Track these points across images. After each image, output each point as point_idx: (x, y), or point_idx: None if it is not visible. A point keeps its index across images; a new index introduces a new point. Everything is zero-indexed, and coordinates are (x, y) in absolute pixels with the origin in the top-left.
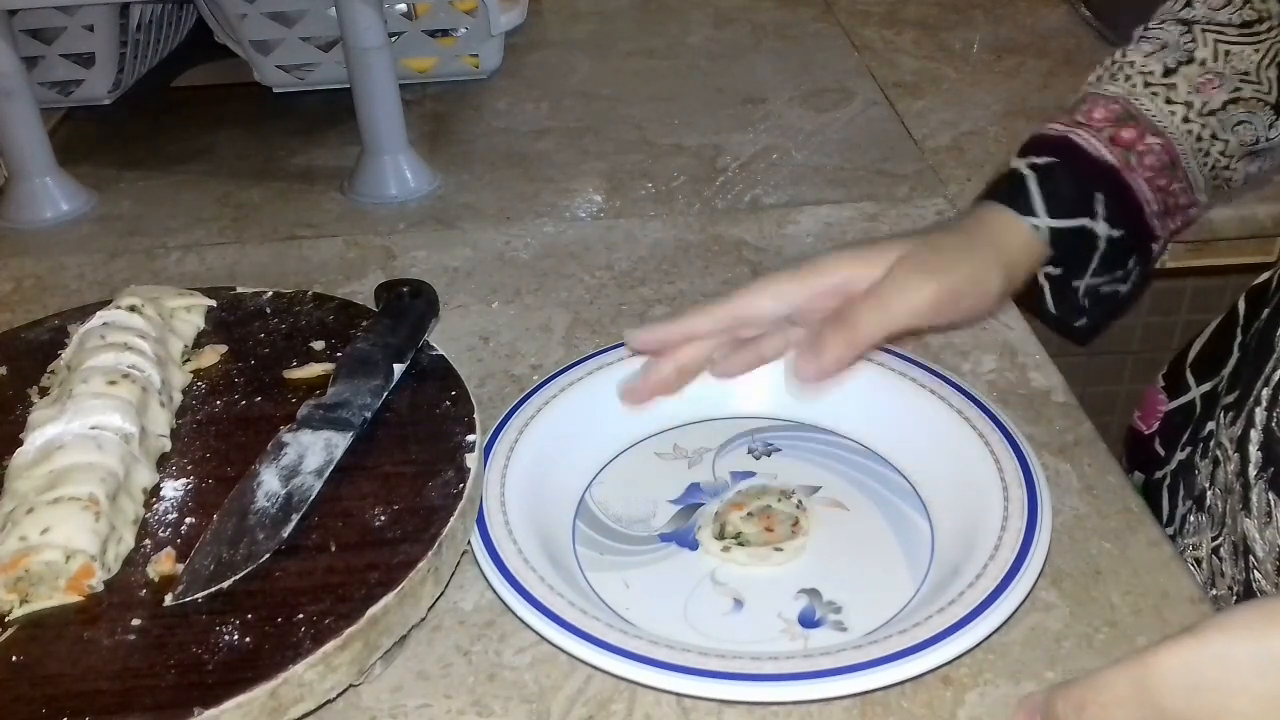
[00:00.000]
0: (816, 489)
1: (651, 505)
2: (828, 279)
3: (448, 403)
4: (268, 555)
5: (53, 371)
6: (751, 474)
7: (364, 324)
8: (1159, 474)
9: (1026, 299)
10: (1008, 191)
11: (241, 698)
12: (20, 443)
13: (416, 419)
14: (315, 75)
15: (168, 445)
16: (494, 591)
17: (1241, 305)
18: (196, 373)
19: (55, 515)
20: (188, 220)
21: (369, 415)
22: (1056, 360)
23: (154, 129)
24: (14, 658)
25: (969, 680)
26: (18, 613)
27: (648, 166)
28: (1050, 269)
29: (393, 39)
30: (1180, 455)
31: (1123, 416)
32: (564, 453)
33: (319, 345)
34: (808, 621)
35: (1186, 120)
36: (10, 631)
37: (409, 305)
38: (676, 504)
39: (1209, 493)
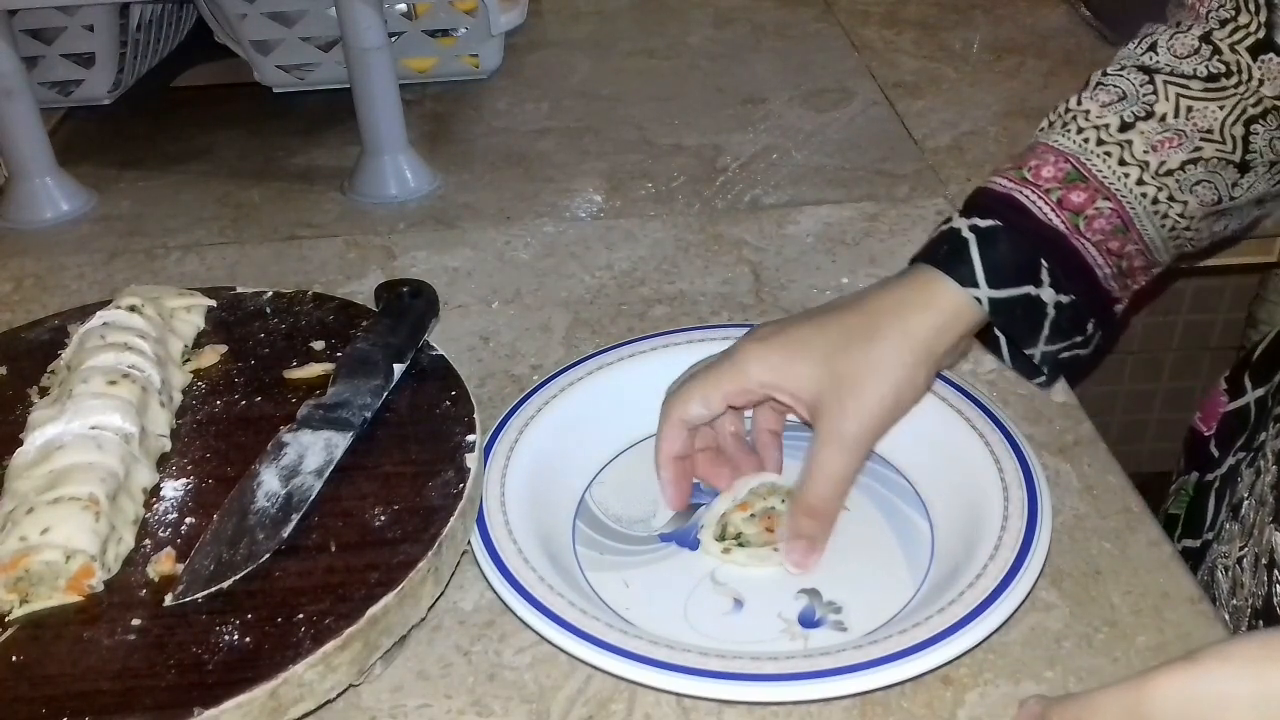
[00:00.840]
0: None
1: (651, 505)
2: (743, 383)
3: (448, 403)
4: (268, 555)
5: (53, 371)
6: None
7: (364, 324)
8: (1210, 476)
9: (990, 348)
10: (948, 257)
11: (241, 698)
12: (20, 443)
13: (416, 419)
14: (315, 75)
15: (168, 445)
16: (494, 591)
17: None
18: (196, 373)
19: (55, 515)
20: (188, 220)
21: (369, 415)
22: None
23: (154, 129)
24: (14, 658)
25: (969, 680)
26: (18, 613)
27: (648, 166)
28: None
29: (393, 39)
30: (1231, 460)
31: (1123, 416)
32: (564, 453)
33: (319, 345)
34: (808, 621)
35: (1141, 182)
36: (10, 631)
37: (409, 305)
38: None
39: (1245, 502)
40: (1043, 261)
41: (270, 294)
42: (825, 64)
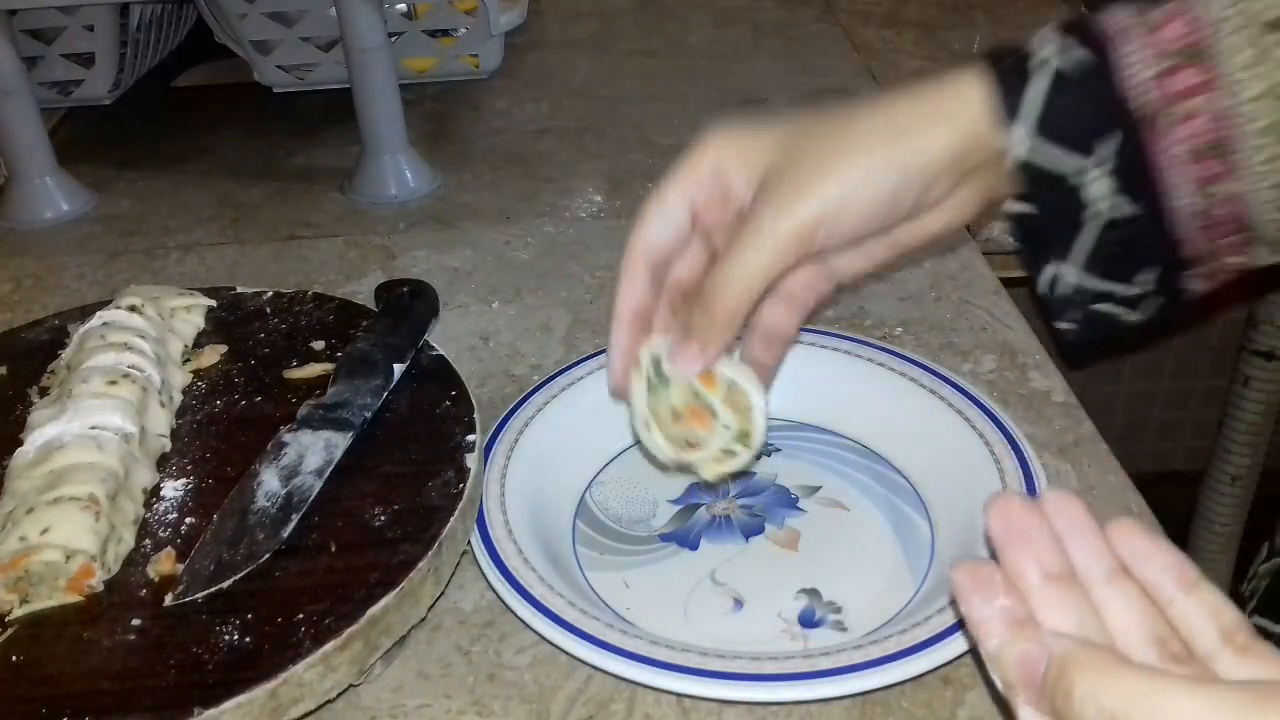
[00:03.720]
0: (816, 489)
1: (651, 505)
2: (699, 171)
3: (448, 403)
4: (268, 555)
5: (53, 371)
6: (752, 474)
7: (364, 324)
8: None
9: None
10: (1007, 74)
11: (241, 698)
12: (20, 443)
13: (416, 419)
14: (315, 75)
15: (168, 445)
16: (494, 591)
17: None
18: (196, 373)
19: (55, 515)
20: (188, 220)
21: (369, 415)
22: (1056, 360)
23: (154, 129)
24: (14, 658)
25: (969, 680)
26: (18, 613)
27: (648, 166)
28: (1031, 232)
29: (393, 39)
30: None
31: (1123, 416)
32: (564, 453)
33: (319, 345)
34: (808, 621)
35: (1265, 97)
36: (10, 631)
37: (409, 305)
38: (676, 504)
39: None
40: (1114, 138)
41: (270, 294)
42: (825, 64)
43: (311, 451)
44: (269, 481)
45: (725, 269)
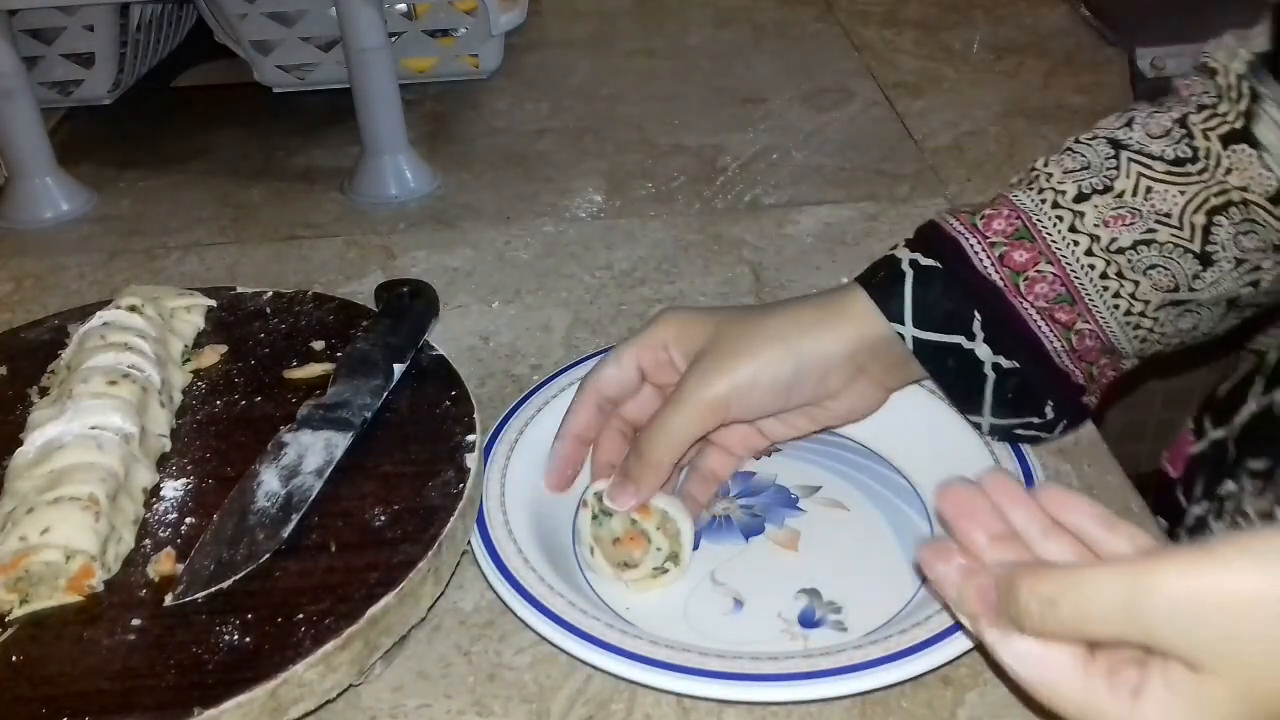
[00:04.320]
0: (816, 489)
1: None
2: (651, 341)
3: (448, 403)
4: (268, 555)
5: (53, 371)
6: (751, 474)
7: (364, 324)
8: (1178, 529)
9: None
10: (882, 283)
11: (241, 698)
12: (20, 443)
13: (416, 419)
14: (315, 75)
15: (168, 445)
16: (494, 591)
17: (1274, 354)
18: (196, 373)
19: (55, 515)
20: (188, 220)
21: (369, 415)
22: None
23: (154, 129)
24: (14, 658)
25: (969, 680)
26: (18, 613)
27: (648, 166)
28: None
29: (393, 39)
30: (1196, 510)
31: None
32: None
33: (319, 345)
34: (808, 621)
35: (1090, 253)
36: (10, 631)
37: (409, 305)
38: None
39: None
40: (976, 314)
41: (270, 294)
42: (825, 64)
43: (311, 451)
44: (269, 481)
45: (656, 427)
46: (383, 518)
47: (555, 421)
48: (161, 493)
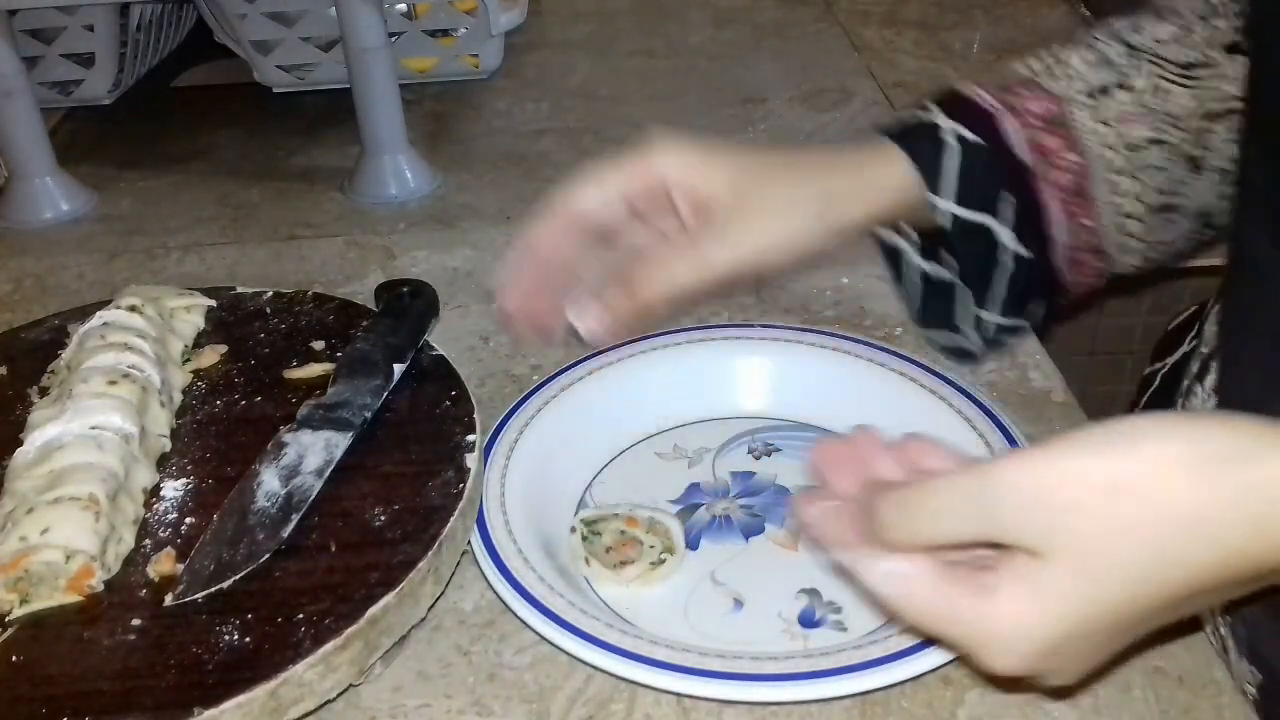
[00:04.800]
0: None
1: (651, 505)
2: (646, 176)
3: (448, 403)
4: (268, 555)
5: (53, 371)
6: (751, 474)
7: (364, 324)
8: None
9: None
10: (926, 156)
11: (241, 698)
12: (20, 443)
13: (416, 419)
14: (315, 75)
15: (168, 445)
16: (494, 591)
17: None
18: (196, 373)
19: (55, 515)
20: (188, 220)
21: (369, 415)
22: (1056, 360)
23: (154, 129)
24: (14, 658)
25: (969, 680)
26: (18, 613)
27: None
28: (926, 277)
29: (393, 39)
30: None
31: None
32: (564, 453)
33: (319, 345)
34: (808, 621)
35: (1109, 146)
36: (10, 631)
37: (409, 305)
38: (676, 504)
39: None
40: (1007, 195)
41: (270, 294)
42: (825, 64)
43: (311, 451)
44: (269, 481)
45: (662, 273)
46: (383, 518)
47: (555, 421)
48: (161, 493)
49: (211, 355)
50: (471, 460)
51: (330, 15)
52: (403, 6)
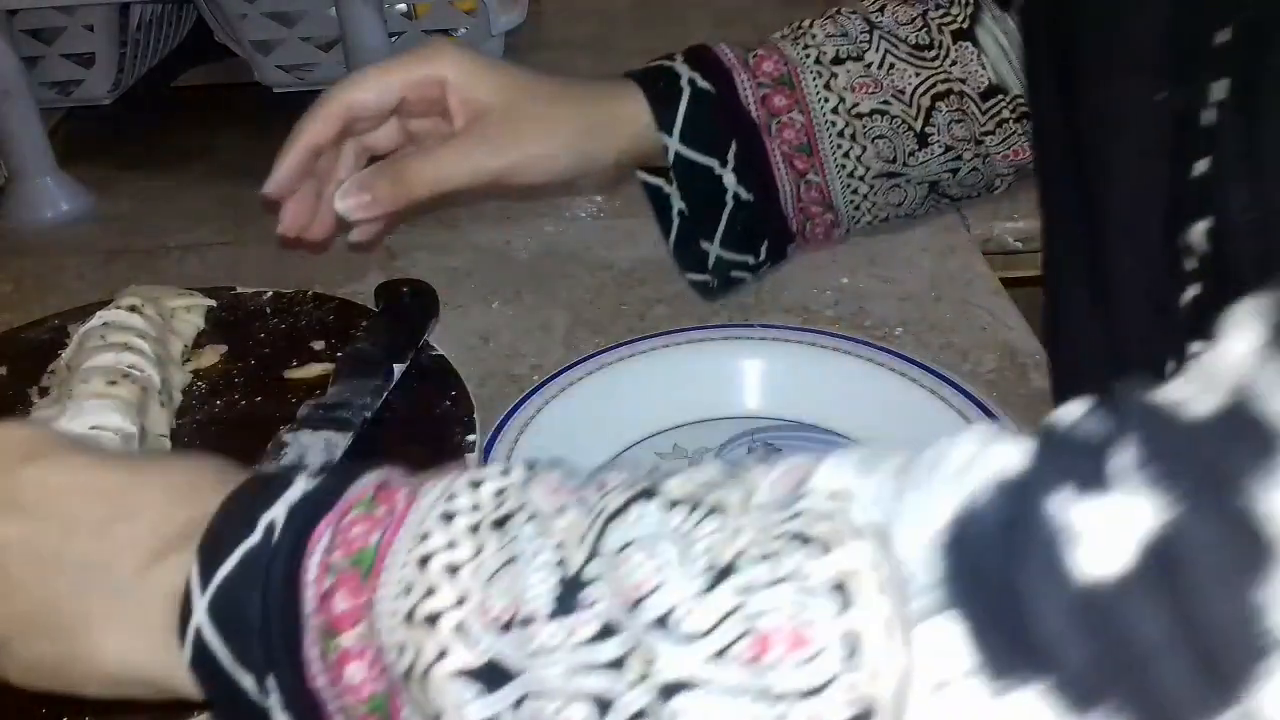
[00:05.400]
0: None
1: None
2: (427, 74)
3: (448, 403)
4: None
5: (53, 371)
6: None
7: (364, 324)
8: None
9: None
10: (661, 95)
11: None
12: None
13: (416, 419)
14: (315, 75)
15: (168, 445)
16: None
17: None
18: (196, 373)
19: None
20: (188, 220)
21: (369, 415)
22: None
23: (154, 129)
24: None
25: None
26: None
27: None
28: (681, 213)
29: (393, 39)
30: None
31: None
32: (564, 453)
33: (319, 345)
34: None
35: (835, 111)
36: None
37: (409, 305)
38: None
39: None
40: (733, 144)
41: (270, 294)
42: None
43: (311, 451)
44: None
45: (431, 165)
46: None
47: (555, 421)
48: None
49: (211, 355)
50: (471, 460)
51: (330, 15)
52: (403, 6)
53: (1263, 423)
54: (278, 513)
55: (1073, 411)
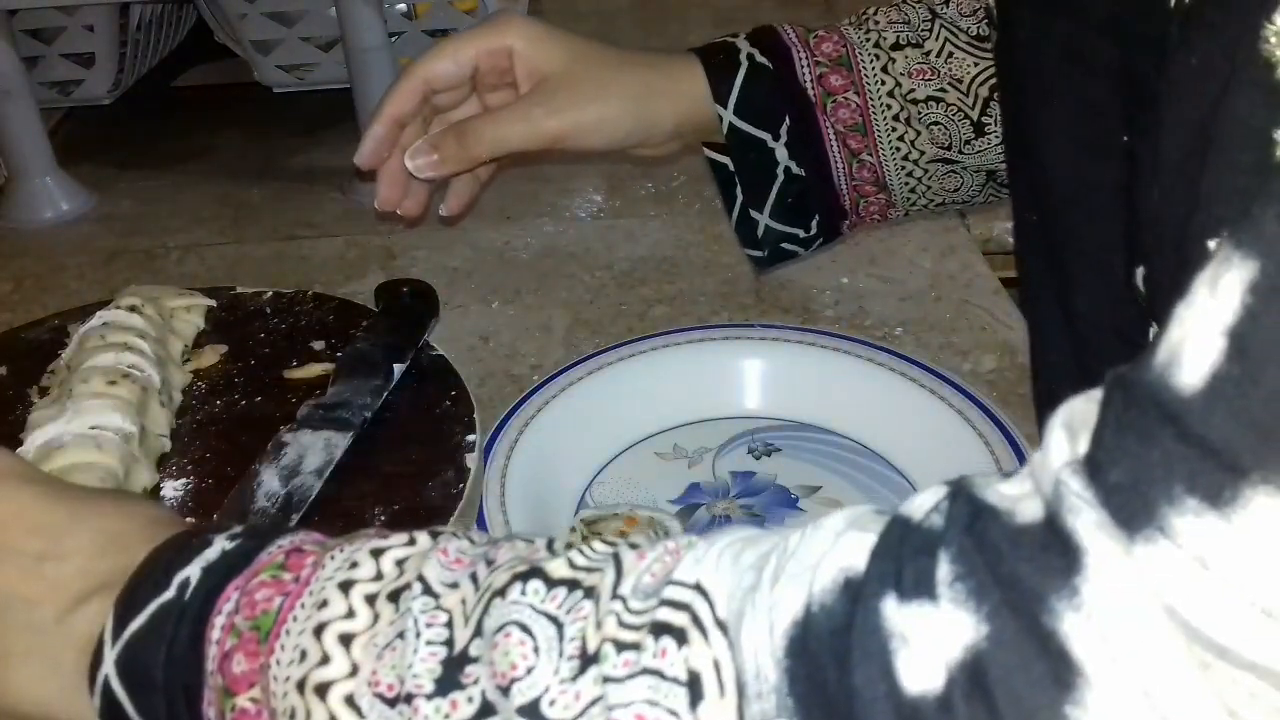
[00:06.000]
0: (816, 489)
1: (651, 506)
2: (497, 43)
3: (448, 403)
4: None
5: (53, 371)
6: (751, 474)
7: (364, 324)
8: None
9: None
10: (719, 68)
11: None
12: (20, 443)
13: (416, 419)
14: (315, 75)
15: (168, 445)
16: None
17: None
18: (196, 373)
19: None
20: (188, 220)
21: (369, 415)
22: None
23: (154, 129)
24: None
25: None
26: None
27: (647, 167)
28: (737, 189)
29: (393, 39)
30: None
31: None
32: (564, 453)
33: (319, 345)
34: None
35: (891, 94)
36: None
37: (409, 305)
38: (676, 504)
39: None
40: (787, 119)
41: (270, 294)
42: None
43: (311, 451)
44: (269, 482)
45: (491, 125)
46: (383, 518)
47: (555, 421)
48: (161, 493)
49: (211, 355)
50: (471, 460)
51: (330, 15)
52: (403, 6)
53: (1070, 539)
54: (193, 571)
55: (922, 504)
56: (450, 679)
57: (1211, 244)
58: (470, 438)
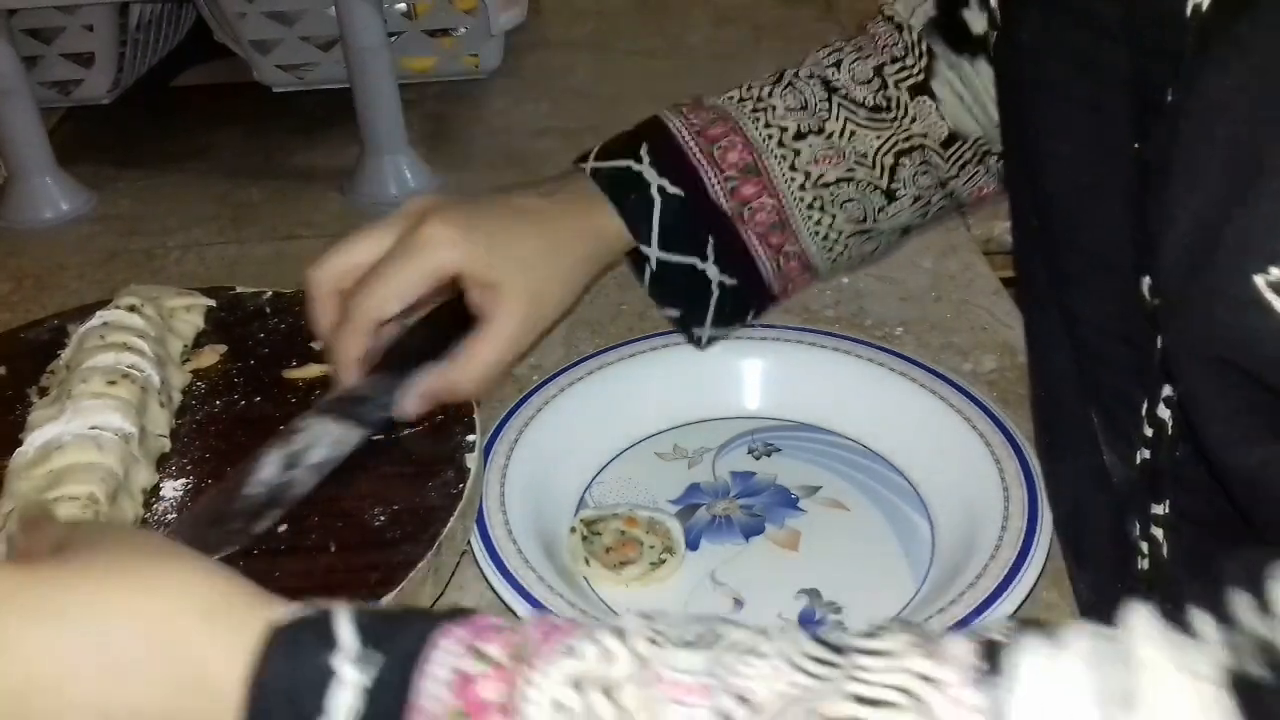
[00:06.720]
0: (816, 489)
1: (651, 505)
2: (442, 273)
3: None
4: (237, 546)
5: (52, 371)
6: (752, 474)
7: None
8: None
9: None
10: (633, 208)
11: None
12: (20, 443)
13: (417, 419)
14: (315, 75)
15: (167, 445)
16: (494, 592)
17: None
18: (196, 373)
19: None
20: (187, 220)
21: (388, 415)
22: None
23: (154, 129)
24: None
25: None
26: None
27: None
28: (670, 311)
29: (393, 39)
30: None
31: None
32: (564, 453)
33: (318, 345)
34: (808, 621)
35: (802, 188)
36: None
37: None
38: (676, 504)
39: None
40: (710, 239)
41: (270, 294)
42: None
43: (319, 444)
44: (267, 469)
45: (475, 365)
46: (383, 518)
47: (555, 421)
48: (161, 493)
49: (211, 355)
50: (471, 460)
51: (330, 15)
52: (403, 6)
53: None
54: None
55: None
56: None
57: (1258, 279)
58: (470, 438)
